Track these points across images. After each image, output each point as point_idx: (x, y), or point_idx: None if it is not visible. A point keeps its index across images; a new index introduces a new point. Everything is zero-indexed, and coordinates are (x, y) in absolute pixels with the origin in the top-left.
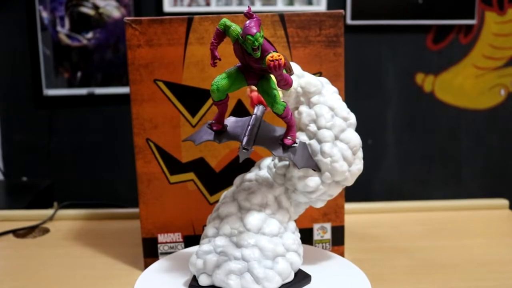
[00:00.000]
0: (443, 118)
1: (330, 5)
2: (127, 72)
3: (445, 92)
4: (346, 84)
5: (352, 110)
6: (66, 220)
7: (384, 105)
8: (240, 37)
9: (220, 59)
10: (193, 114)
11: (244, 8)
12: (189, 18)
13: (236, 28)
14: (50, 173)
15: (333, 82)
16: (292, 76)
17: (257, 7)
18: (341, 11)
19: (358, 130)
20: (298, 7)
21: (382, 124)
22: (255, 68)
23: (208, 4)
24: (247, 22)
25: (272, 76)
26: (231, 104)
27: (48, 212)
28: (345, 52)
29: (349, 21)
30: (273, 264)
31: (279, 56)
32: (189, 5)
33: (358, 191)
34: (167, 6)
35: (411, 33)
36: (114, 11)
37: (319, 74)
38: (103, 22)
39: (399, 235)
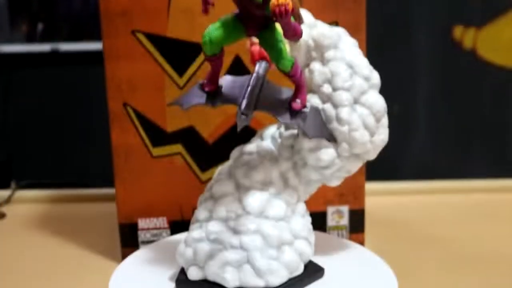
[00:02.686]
0: (486, 82)
1: None
2: (99, 23)
3: (490, 50)
4: (367, 37)
5: (375, 69)
6: (25, 203)
7: (414, 65)
8: None
9: (213, 4)
10: (180, 73)
11: None
12: None
13: None
14: (7, 146)
15: (352, 33)
16: (302, 26)
17: None
18: None
19: (382, 94)
20: None
21: (411, 88)
22: (256, 15)
23: None
24: None
25: (278, 25)
26: (227, 61)
27: (4, 193)
28: (368, 1)
29: None
30: (278, 254)
31: (286, 0)
32: None
33: (382, 168)
34: None
35: None
36: None
37: (335, 23)
38: None
39: (430, 221)
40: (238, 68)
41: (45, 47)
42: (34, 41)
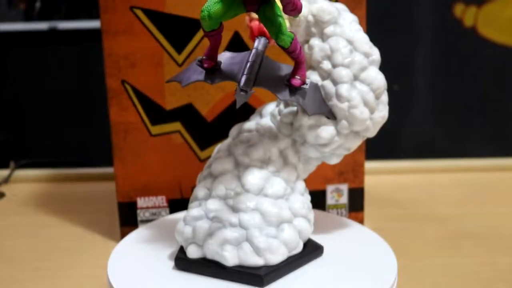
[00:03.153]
0: (487, 59)
1: None
2: (97, 1)
3: (491, 27)
4: (368, 13)
5: (375, 45)
6: (25, 182)
7: (415, 42)
8: None
9: None
10: (179, 50)
11: None
12: None
13: None
14: (5, 126)
15: (352, 9)
16: (301, 1)
17: None
18: None
19: (382, 72)
20: None
21: (411, 65)
22: None
23: None
24: None
25: (277, 1)
26: (226, 37)
27: (3, 172)
28: None
29: None
30: (278, 232)
31: None
32: None
33: (382, 146)
34: None
35: None
36: None
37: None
38: None
39: (430, 200)
40: (238, 44)
41: (43, 25)
42: (31, 19)
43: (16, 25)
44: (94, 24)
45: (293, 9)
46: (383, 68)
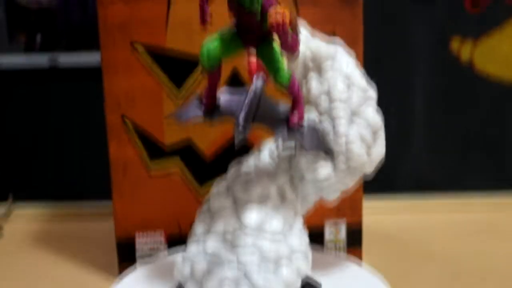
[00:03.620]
0: (483, 94)
1: None
2: (97, 35)
3: (487, 62)
4: (365, 48)
5: (372, 78)
6: (23, 218)
7: (412, 77)
8: None
9: (211, 15)
10: (178, 86)
11: None
12: None
13: None
14: (4, 159)
15: (349, 45)
16: (299, 38)
17: None
18: None
19: (379, 106)
20: None
21: (409, 100)
22: (254, 28)
23: None
24: None
25: (275, 39)
26: (225, 72)
27: (1, 207)
28: (364, 9)
29: None
30: (276, 269)
31: (283, 11)
32: None
33: (379, 182)
34: None
35: None
36: None
37: (333, 35)
38: None
39: (429, 237)
40: (236, 80)
41: (43, 58)
42: (32, 52)
43: (16, 57)
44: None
45: (291, 46)
46: (380, 104)
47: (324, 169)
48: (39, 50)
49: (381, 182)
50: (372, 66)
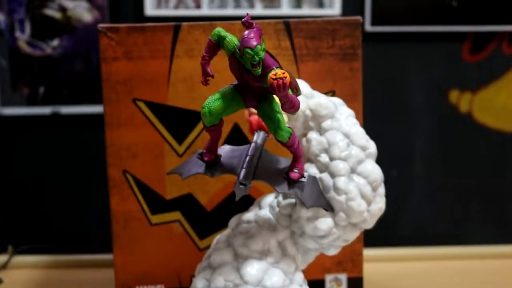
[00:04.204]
0: (483, 145)
1: (346, 8)
2: (100, 88)
3: (486, 113)
4: (364, 105)
5: (372, 136)
6: (23, 269)
7: (411, 129)
8: (237, 51)
9: (213, 76)
10: (180, 141)
11: (242, 12)
12: (176, 26)
13: (232, 39)
14: (4, 209)
15: (349, 103)
16: (299, 97)
17: (258, 10)
18: (359, 17)
19: (379, 159)
20: (306, 11)
21: (408, 152)
22: (255, 87)
23: (198, 6)
24: (246, 32)
25: (276, 97)
26: (226, 129)
27: (1, 258)
28: (363, 65)
29: (368, 27)
30: None
31: (283, 73)
32: (176, 7)
33: (380, 235)
34: (149, 9)
35: (443, 42)
36: (85, 14)
37: (332, 93)
38: (72, 27)
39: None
40: (237, 136)
41: (45, 110)
42: (35, 104)
43: (19, 109)
44: (97, 109)
45: (291, 106)
46: (381, 155)
47: (325, 225)
48: (42, 102)
49: (382, 235)
50: (372, 122)
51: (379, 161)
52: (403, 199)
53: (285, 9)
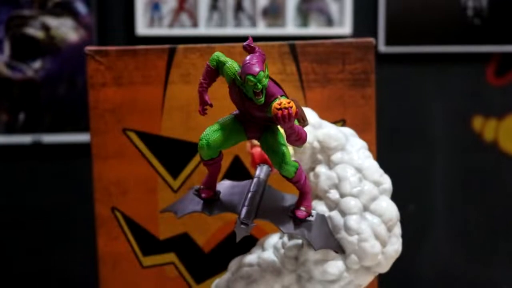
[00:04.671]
0: (510, 176)
1: (357, 26)
2: (86, 114)
3: None
4: (378, 134)
5: (387, 167)
6: None
7: (431, 160)
8: (238, 78)
9: (211, 105)
10: (174, 176)
11: (243, 31)
12: (171, 49)
13: (232, 65)
14: None
15: (361, 133)
16: (306, 128)
17: (260, 29)
18: (371, 39)
19: (395, 193)
20: (314, 30)
21: (428, 184)
22: (257, 118)
23: (195, 25)
24: (248, 58)
25: (280, 128)
26: (226, 163)
27: None
28: (377, 90)
29: (382, 48)
30: None
31: (289, 103)
32: (171, 25)
33: (396, 279)
34: (141, 27)
35: (465, 63)
36: (70, 34)
37: (342, 123)
38: (55, 47)
39: None
40: (238, 170)
41: (26, 138)
42: (14, 132)
43: None
44: (83, 138)
45: (298, 138)
46: (397, 188)
47: (335, 269)
48: (21, 130)
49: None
50: (387, 152)
51: (395, 195)
52: (422, 238)
53: (290, 28)
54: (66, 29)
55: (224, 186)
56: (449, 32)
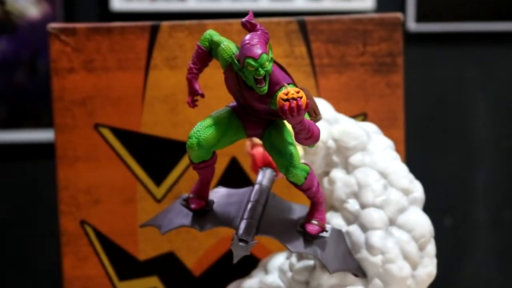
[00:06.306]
0: None
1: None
2: (49, 107)
3: None
4: (407, 132)
5: (418, 174)
6: None
7: (471, 163)
8: (236, 61)
9: (202, 95)
10: (158, 182)
11: (242, 6)
12: (153, 26)
13: (229, 46)
14: None
15: (386, 129)
16: (319, 123)
17: (263, 3)
18: (399, 15)
19: (428, 205)
20: (328, 3)
21: (468, 193)
22: (259, 111)
23: None
24: (247, 37)
25: (287, 124)
26: (221, 166)
27: None
28: (406, 77)
29: (412, 25)
30: None
31: (298, 92)
32: None
33: None
34: (117, 1)
35: None
36: (30, 9)
37: (363, 117)
38: (12, 25)
39: None
40: (235, 174)
41: None
42: None
43: None
44: (45, 135)
45: (309, 136)
46: (431, 198)
47: None
48: None
49: None
50: (418, 155)
51: (427, 207)
52: (461, 257)
53: (300, 2)
54: (25, 3)
55: (218, 194)
56: (492, 6)
